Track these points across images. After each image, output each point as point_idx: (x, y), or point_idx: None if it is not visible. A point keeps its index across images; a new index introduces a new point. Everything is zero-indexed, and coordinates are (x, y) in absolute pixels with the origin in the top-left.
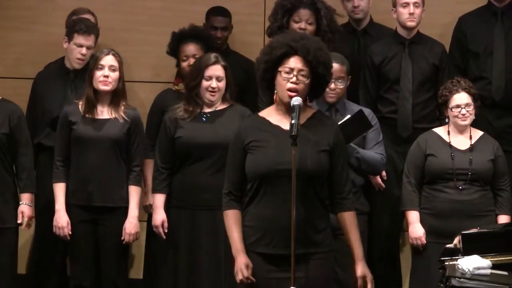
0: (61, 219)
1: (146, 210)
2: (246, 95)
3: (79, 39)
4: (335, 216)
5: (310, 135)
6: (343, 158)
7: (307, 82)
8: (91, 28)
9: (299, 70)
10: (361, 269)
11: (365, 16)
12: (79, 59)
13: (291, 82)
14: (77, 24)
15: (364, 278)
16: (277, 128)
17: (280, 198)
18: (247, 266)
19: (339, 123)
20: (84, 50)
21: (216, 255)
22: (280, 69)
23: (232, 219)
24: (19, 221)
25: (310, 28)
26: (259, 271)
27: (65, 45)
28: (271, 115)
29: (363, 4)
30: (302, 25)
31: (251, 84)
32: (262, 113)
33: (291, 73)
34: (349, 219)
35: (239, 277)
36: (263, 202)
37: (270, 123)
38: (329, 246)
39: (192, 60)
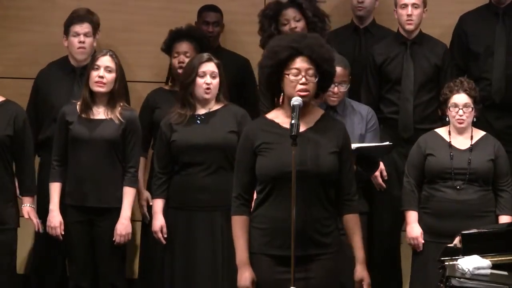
0: (54, 219)
1: (141, 209)
2: (243, 91)
3: (75, 28)
4: (340, 217)
5: (320, 137)
6: (350, 160)
7: (315, 81)
8: (84, 17)
9: (307, 70)
10: (359, 272)
11: (368, 15)
12: (79, 48)
13: (301, 83)
14: (70, 18)
15: (361, 282)
16: (287, 130)
17: (292, 199)
18: (252, 282)
19: (362, 145)
20: (82, 38)
21: (214, 256)
22: (286, 71)
23: (239, 226)
24: (33, 220)
25: (300, 24)
26: (270, 273)
27: (66, 43)
28: (279, 117)
29: (367, 1)
30: (292, 24)
31: (246, 79)
32: (269, 115)
33: (299, 74)
34: (354, 222)
35: None
36: (275, 204)
37: (279, 125)
38: (337, 246)
39: (182, 57)
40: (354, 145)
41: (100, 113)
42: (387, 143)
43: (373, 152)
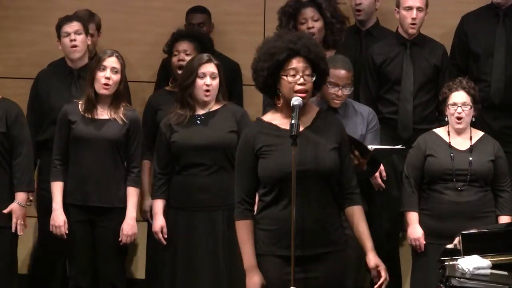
0: (58, 218)
1: (143, 216)
2: (232, 96)
3: (64, 28)
4: (343, 211)
5: (319, 135)
6: (349, 154)
7: (313, 80)
8: (72, 16)
9: (304, 70)
10: (373, 259)
11: (368, 18)
12: (71, 46)
13: (299, 84)
14: (59, 21)
15: (377, 268)
16: (286, 131)
17: (297, 199)
18: (262, 286)
19: (376, 147)
20: (72, 36)
21: (215, 256)
22: (283, 73)
23: (245, 230)
24: (12, 220)
25: (318, 24)
26: (279, 273)
27: (60, 46)
28: (276, 119)
29: (365, 3)
30: (310, 24)
31: (234, 83)
32: (266, 118)
33: (297, 74)
34: (358, 213)
35: None
36: (280, 205)
37: (278, 127)
38: (343, 244)
39: (182, 55)
40: (372, 146)
41: (103, 113)
42: (400, 146)
43: (387, 154)
